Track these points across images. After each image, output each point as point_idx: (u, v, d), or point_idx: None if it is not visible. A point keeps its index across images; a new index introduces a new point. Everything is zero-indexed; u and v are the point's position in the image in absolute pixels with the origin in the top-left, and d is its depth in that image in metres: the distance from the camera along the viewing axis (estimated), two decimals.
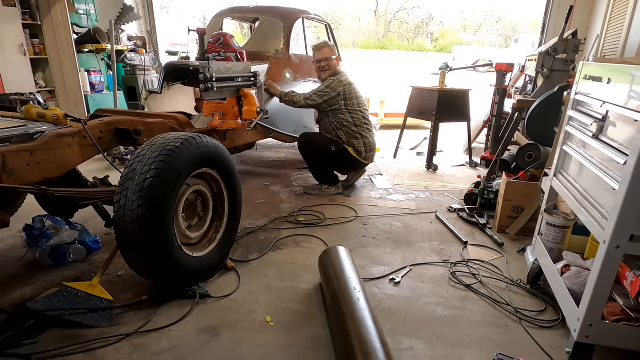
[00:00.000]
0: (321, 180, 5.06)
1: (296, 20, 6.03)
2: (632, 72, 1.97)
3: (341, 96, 4.71)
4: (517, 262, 3.39)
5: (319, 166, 5.03)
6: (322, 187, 5.02)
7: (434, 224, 4.16)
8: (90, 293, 2.58)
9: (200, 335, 2.43)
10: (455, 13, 33.78)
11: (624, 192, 1.82)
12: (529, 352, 2.35)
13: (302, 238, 3.76)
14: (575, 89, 2.73)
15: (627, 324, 2.06)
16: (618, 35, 6.01)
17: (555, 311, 2.71)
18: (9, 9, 6.39)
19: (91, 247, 3.29)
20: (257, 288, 2.94)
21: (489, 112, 6.63)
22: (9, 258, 3.24)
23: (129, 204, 2.37)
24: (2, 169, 2.30)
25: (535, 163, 3.96)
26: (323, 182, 5.04)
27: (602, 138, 2.20)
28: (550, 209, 2.98)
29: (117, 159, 5.78)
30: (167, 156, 2.47)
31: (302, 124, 5.52)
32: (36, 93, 6.62)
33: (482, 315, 2.69)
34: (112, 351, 2.27)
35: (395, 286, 3.02)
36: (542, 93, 4.70)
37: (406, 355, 2.31)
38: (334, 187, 5.02)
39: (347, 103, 4.74)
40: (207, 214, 3.04)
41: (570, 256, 2.63)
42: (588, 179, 2.36)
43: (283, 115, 5.09)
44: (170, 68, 4.62)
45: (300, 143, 4.97)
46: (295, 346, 2.36)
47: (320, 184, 5.05)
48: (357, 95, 4.84)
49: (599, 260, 1.98)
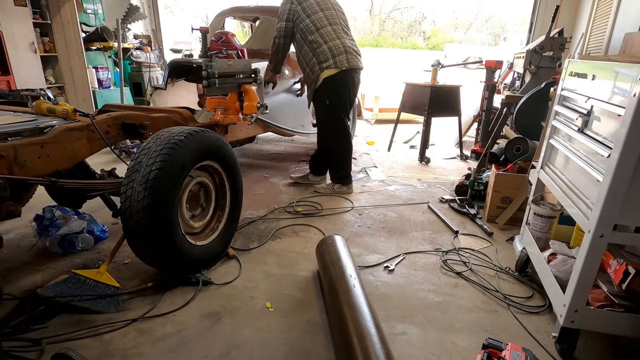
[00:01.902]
0: (313, 169, 4.91)
1: None
2: (616, 68, 1.96)
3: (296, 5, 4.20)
4: (506, 251, 3.38)
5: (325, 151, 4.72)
6: (308, 175, 4.91)
7: (426, 214, 4.15)
8: (98, 280, 2.57)
9: (203, 320, 2.42)
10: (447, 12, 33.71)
11: (608, 183, 1.82)
12: (517, 336, 2.35)
13: (300, 227, 3.75)
14: (561, 85, 2.72)
15: (610, 309, 2.05)
16: (602, 33, 5.99)
17: (542, 297, 2.71)
18: (20, 9, 6.37)
19: (99, 236, 3.29)
20: (257, 275, 2.93)
21: (479, 107, 6.61)
22: (21, 247, 3.23)
23: (135, 194, 2.37)
24: (14, 162, 2.30)
25: (523, 156, 3.95)
26: (313, 171, 4.90)
27: (586, 132, 2.19)
28: (537, 199, 2.98)
29: (124, 152, 5.75)
30: (171, 149, 2.46)
31: (300, 120, 5.51)
32: (46, 89, 6.52)
33: (472, 301, 2.69)
34: (118, 336, 2.27)
35: (389, 273, 3.02)
36: (529, 89, 4.69)
37: (400, 340, 2.31)
38: (319, 177, 4.90)
39: (302, 24, 4.22)
40: (209, 205, 3.03)
41: (556, 245, 2.62)
42: (573, 171, 2.35)
43: (282, 111, 5.08)
44: (175, 65, 4.61)
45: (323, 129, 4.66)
46: (293, 331, 2.35)
47: (308, 173, 4.93)
48: (315, 13, 4.22)
49: (583, 248, 1.97)
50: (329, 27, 4.25)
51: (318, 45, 4.22)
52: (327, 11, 4.29)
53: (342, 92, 4.39)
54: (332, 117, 4.47)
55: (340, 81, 4.31)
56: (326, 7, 4.30)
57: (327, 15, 4.27)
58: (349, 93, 4.45)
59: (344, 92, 4.40)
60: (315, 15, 4.22)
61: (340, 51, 4.22)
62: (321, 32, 4.22)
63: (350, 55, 4.28)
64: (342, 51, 4.23)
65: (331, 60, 4.20)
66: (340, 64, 4.22)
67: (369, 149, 6.91)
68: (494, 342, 1.97)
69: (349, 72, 4.32)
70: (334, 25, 4.29)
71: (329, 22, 4.26)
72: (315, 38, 4.22)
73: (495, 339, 1.99)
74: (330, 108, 4.42)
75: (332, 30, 4.27)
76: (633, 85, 1.72)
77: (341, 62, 4.22)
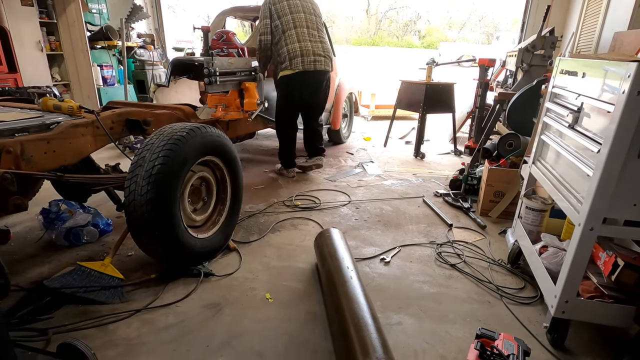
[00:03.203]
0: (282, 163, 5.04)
1: None
2: (605, 66, 1.95)
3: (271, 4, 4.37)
4: (499, 243, 3.38)
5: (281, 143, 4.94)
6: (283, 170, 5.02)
7: (421, 207, 4.14)
8: (103, 272, 2.58)
9: (204, 310, 2.42)
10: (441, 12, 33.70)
11: (598, 178, 1.81)
12: (510, 326, 2.35)
13: (299, 221, 3.74)
14: (552, 82, 2.70)
15: (600, 300, 2.05)
16: (592, 32, 5.98)
17: (533, 289, 2.70)
18: (27, 9, 6.37)
19: (103, 229, 3.28)
20: (257, 267, 2.93)
21: (472, 104, 6.59)
22: (27, 239, 3.22)
23: (138, 189, 2.36)
24: (21, 157, 2.29)
25: (515, 151, 3.95)
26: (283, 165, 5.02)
27: (577, 128, 2.18)
28: (529, 193, 2.97)
29: (128, 148, 5.74)
30: (174, 145, 2.46)
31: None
32: (52, 86, 6.53)
33: (465, 293, 2.68)
34: (122, 326, 2.26)
35: (385, 265, 3.01)
36: (521, 86, 4.68)
37: (395, 330, 2.30)
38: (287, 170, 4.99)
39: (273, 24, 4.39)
40: (211, 199, 3.02)
41: (547, 237, 2.62)
42: (564, 166, 2.34)
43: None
44: (177, 63, 4.59)
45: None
46: (292, 321, 2.35)
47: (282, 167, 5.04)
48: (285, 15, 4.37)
49: (574, 241, 1.97)
50: (293, 30, 4.40)
51: (280, 47, 4.39)
52: (296, 14, 4.43)
53: (293, 91, 4.53)
54: (281, 110, 4.70)
55: (292, 81, 4.46)
56: (296, 10, 4.43)
57: (295, 19, 4.41)
58: (300, 92, 4.55)
59: (295, 90, 4.53)
60: (284, 17, 4.38)
61: (297, 54, 4.36)
62: (285, 35, 4.37)
63: (306, 58, 4.40)
64: (299, 54, 4.36)
65: (287, 63, 4.37)
66: (294, 67, 4.37)
67: (365, 144, 6.90)
68: (487, 332, 1.97)
69: (301, 74, 4.43)
70: (299, 27, 4.42)
71: (294, 25, 4.40)
72: (279, 40, 4.39)
73: (488, 329, 1.98)
74: (281, 103, 4.64)
75: (294, 33, 4.39)
76: (622, 82, 1.71)
77: (296, 64, 4.36)
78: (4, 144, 2.20)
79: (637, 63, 1.64)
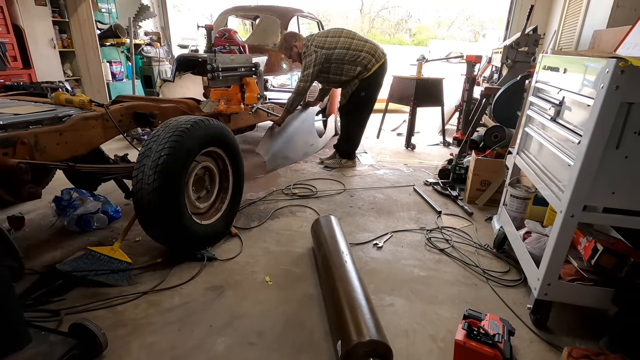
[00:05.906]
0: (342, 154, 5.05)
1: (291, 18, 5.97)
2: (585, 63, 1.93)
3: (319, 54, 4.44)
4: (485, 229, 3.37)
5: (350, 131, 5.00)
6: (341, 160, 5.02)
7: (412, 195, 4.12)
8: (112, 256, 2.56)
9: (207, 292, 2.40)
10: (431, 11, 33.38)
11: (578, 167, 1.81)
12: (495, 307, 2.34)
13: (297, 208, 3.72)
14: (535, 77, 2.69)
15: (580, 283, 2.04)
16: (573, 30, 5.96)
17: (517, 272, 2.70)
18: (40, 8, 6.35)
19: (112, 216, 3.25)
20: (257, 252, 2.91)
21: (460, 98, 6.58)
22: (41, 225, 3.19)
23: (145, 178, 2.35)
24: (35, 148, 2.27)
25: (500, 142, 3.94)
26: (343, 156, 5.04)
27: (559, 120, 2.17)
28: (513, 182, 2.96)
29: (135, 139, 5.71)
30: (179, 136, 2.45)
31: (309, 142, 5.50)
32: (64, 81, 6.48)
33: (454, 276, 2.67)
34: (130, 307, 2.25)
35: (378, 250, 3.00)
36: (506, 81, 4.67)
37: (388, 311, 2.29)
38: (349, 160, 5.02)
39: (333, 57, 4.48)
40: (213, 187, 3.00)
41: (531, 224, 2.61)
42: (546, 157, 2.33)
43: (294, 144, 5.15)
44: (182, 59, 4.55)
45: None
46: (290, 302, 2.34)
47: (340, 157, 5.05)
48: (337, 44, 4.49)
49: (556, 227, 1.96)
50: (350, 50, 4.49)
51: (357, 56, 4.48)
52: (342, 38, 4.52)
53: (378, 84, 4.76)
54: (368, 109, 4.89)
55: (380, 74, 4.66)
56: (337, 35, 4.55)
57: (343, 42, 4.50)
58: (381, 84, 4.81)
59: (380, 82, 4.76)
60: (338, 44, 4.49)
61: (368, 57, 4.51)
62: (351, 48, 4.48)
63: (375, 54, 4.56)
64: (369, 55, 4.51)
65: (361, 68, 4.52)
66: (377, 60, 4.54)
67: None
68: (474, 313, 1.96)
69: (383, 64, 4.64)
70: (352, 46, 4.50)
71: (348, 47, 4.49)
72: (351, 54, 4.48)
73: (475, 310, 1.98)
74: (367, 102, 4.77)
75: (353, 50, 4.50)
76: (601, 77, 1.70)
77: (376, 60, 4.54)
78: (19, 135, 2.17)
79: (615, 59, 1.64)
